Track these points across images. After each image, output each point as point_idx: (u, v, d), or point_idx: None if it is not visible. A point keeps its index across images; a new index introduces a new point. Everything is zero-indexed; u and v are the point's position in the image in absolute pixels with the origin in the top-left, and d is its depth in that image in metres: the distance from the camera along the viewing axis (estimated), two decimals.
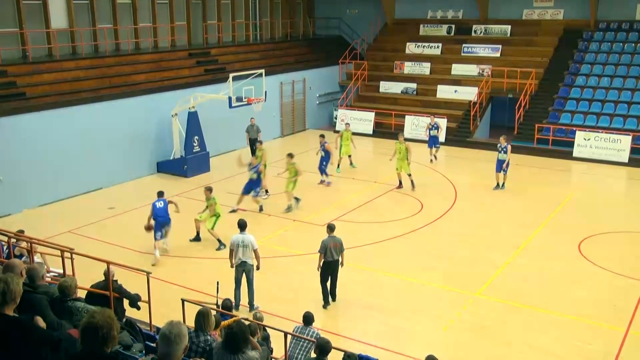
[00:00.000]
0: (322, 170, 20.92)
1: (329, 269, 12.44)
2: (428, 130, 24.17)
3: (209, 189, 15.74)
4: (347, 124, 24.29)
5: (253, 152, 23.16)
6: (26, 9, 21.35)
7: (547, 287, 13.31)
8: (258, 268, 12.37)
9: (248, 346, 6.48)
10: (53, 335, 5.16)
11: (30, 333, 4.95)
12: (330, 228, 12.54)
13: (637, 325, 11.73)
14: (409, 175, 20.02)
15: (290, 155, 18.27)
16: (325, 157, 20.74)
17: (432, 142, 23.95)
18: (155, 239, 14.81)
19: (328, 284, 12.56)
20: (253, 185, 18.11)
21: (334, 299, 12.76)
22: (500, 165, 19.81)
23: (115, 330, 4.30)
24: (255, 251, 12.23)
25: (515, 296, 12.86)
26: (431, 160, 23.84)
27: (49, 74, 20.41)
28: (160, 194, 15.44)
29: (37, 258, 10.87)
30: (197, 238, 16.11)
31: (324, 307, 12.50)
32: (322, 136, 21.19)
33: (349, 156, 22.76)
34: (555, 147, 24.67)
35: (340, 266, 12.57)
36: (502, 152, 19.71)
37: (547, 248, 15.42)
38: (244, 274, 12.29)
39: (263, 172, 18.82)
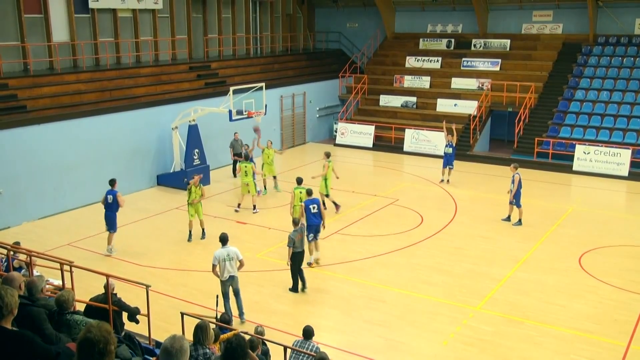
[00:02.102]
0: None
1: (297, 260, 13.61)
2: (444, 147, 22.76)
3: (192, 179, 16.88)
4: (269, 140, 21.66)
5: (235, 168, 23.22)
6: (28, 23, 21.45)
7: (547, 301, 13.26)
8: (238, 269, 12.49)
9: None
10: (51, 350, 5.13)
11: (29, 347, 4.92)
12: (295, 222, 13.79)
13: (638, 339, 11.67)
14: (326, 196, 19.13)
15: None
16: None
17: (447, 160, 22.52)
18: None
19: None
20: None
21: (304, 287, 13.72)
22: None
23: (112, 344, 4.25)
24: (240, 261, 12.28)
25: (516, 310, 12.82)
26: (442, 181, 22.68)
27: (50, 87, 20.49)
28: (112, 183, 15.97)
29: (36, 272, 10.84)
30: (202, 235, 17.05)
31: (292, 290, 13.74)
32: (247, 145, 21.88)
33: (274, 177, 21.56)
34: (555, 160, 24.70)
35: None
36: (511, 181, 18.29)
37: (548, 262, 15.38)
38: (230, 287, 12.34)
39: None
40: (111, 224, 15.83)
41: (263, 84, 22.06)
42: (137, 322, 9.37)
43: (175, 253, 16.18)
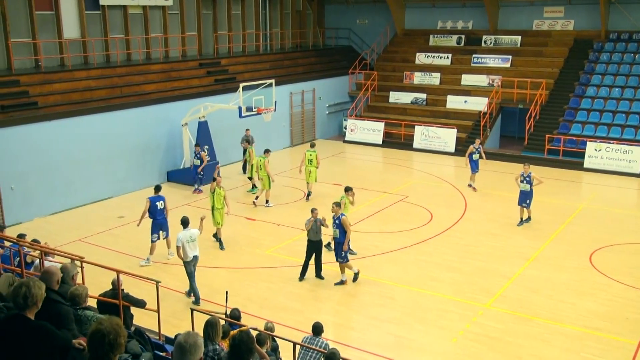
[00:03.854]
0: (194, 178, 21.25)
1: (313, 248, 13.97)
2: (470, 155, 21.51)
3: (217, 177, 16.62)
4: (247, 129, 22.33)
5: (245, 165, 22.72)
6: (39, 20, 21.56)
7: (557, 298, 13.21)
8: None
9: (254, 356, 6.44)
10: (68, 338, 5.21)
11: (50, 338, 4.95)
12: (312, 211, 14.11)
13: None
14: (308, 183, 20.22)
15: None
16: (197, 166, 20.97)
17: (474, 166, 21.53)
18: (152, 240, 15.18)
19: (312, 262, 14.10)
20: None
21: (318, 276, 14.09)
22: (524, 198, 17.64)
23: (121, 337, 4.33)
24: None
25: (525, 308, 12.78)
26: (470, 186, 21.71)
27: (61, 84, 20.60)
28: (158, 189, 15.68)
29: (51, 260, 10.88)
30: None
31: (300, 279, 14.04)
32: (197, 145, 21.30)
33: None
34: (566, 157, 24.57)
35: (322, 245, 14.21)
36: (525, 181, 17.65)
37: (558, 259, 15.32)
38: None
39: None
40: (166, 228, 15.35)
41: (273, 81, 22.07)
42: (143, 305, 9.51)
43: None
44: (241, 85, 21.05)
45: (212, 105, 22.12)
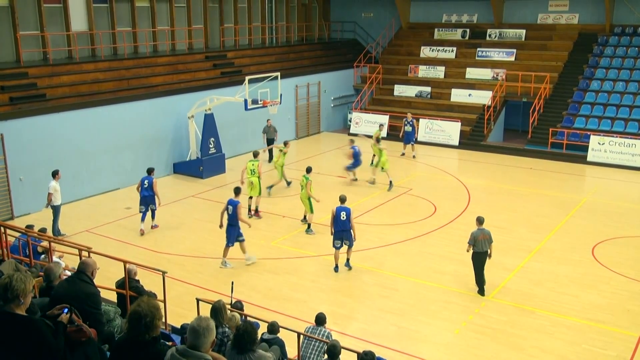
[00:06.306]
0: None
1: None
2: (403, 126, 25.55)
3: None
4: (285, 142, 20.95)
5: (271, 152, 23.48)
6: (47, 12, 21.70)
7: (560, 291, 13.35)
8: None
9: (256, 345, 6.62)
10: (60, 348, 4.96)
11: (37, 334, 4.83)
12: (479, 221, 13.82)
13: None
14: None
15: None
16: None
17: (407, 138, 25.37)
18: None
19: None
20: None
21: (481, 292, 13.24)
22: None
23: (158, 319, 4.58)
24: None
25: (528, 300, 12.93)
26: (403, 154, 25.38)
27: (69, 76, 20.75)
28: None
29: (55, 258, 11.10)
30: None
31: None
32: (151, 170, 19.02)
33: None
34: (569, 151, 24.64)
35: None
36: None
37: (561, 252, 15.45)
38: None
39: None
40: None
41: (278, 74, 22.19)
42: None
43: (191, 240, 16.42)
44: (247, 78, 21.17)
45: (218, 98, 22.26)
